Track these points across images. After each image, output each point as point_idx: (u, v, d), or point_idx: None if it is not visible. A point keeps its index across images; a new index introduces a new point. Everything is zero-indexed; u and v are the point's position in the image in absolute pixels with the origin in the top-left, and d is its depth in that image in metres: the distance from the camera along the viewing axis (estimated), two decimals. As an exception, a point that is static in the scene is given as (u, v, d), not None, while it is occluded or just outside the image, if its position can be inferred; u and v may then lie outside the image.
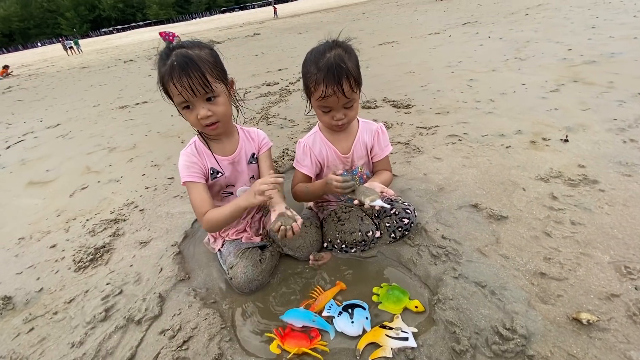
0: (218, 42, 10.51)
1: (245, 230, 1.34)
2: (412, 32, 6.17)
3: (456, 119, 2.18)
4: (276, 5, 28.74)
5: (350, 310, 1.00)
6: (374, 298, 1.04)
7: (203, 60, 1.00)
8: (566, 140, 1.70)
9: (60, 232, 1.72)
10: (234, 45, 9.33)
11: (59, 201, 2.07)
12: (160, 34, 1.22)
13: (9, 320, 1.21)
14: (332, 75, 0.97)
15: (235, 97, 1.16)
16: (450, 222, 1.26)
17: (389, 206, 0.99)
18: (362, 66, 1.23)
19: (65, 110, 4.77)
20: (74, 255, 1.50)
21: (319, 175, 1.26)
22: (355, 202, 1.00)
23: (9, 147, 3.49)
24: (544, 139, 1.76)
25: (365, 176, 1.25)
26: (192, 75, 0.96)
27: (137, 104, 4.34)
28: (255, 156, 1.25)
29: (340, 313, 1.00)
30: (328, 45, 1.03)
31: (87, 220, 1.78)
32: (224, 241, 1.33)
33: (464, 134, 1.97)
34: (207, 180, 1.16)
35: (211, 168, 1.16)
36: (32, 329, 1.15)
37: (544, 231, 1.17)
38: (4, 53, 64.74)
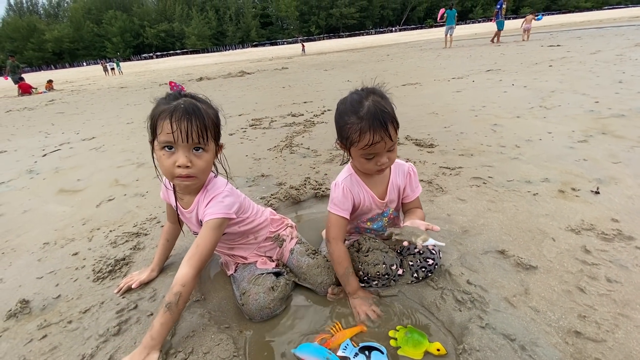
0: (248, 73, 11.15)
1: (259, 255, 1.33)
2: (435, 75, 6.35)
3: (480, 162, 2.17)
4: (304, 43, 30.41)
5: (367, 352, 0.96)
6: (392, 343, 0.99)
7: (208, 114, 1.02)
8: (597, 192, 1.65)
9: (83, 241, 1.76)
10: (263, 76, 9.82)
11: (85, 210, 2.14)
12: (170, 83, 1.25)
13: (24, 325, 1.22)
14: (378, 121, 0.98)
15: (219, 159, 1.15)
16: (476, 267, 1.22)
17: (443, 244, 0.98)
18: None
19: (101, 125, 5.06)
20: (94, 265, 1.52)
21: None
22: (405, 243, 0.97)
23: (45, 155, 3.69)
24: (573, 189, 1.71)
25: (392, 216, 1.24)
26: (193, 122, 0.96)
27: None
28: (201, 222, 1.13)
29: (356, 355, 0.95)
30: (362, 93, 1.05)
31: (111, 231, 1.82)
32: (237, 265, 1.32)
33: (489, 177, 1.95)
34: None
35: (176, 205, 1.19)
36: (45, 336, 1.15)
37: (577, 286, 1.10)
38: (52, 69, 70.57)
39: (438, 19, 14.22)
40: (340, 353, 0.96)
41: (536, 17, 14.58)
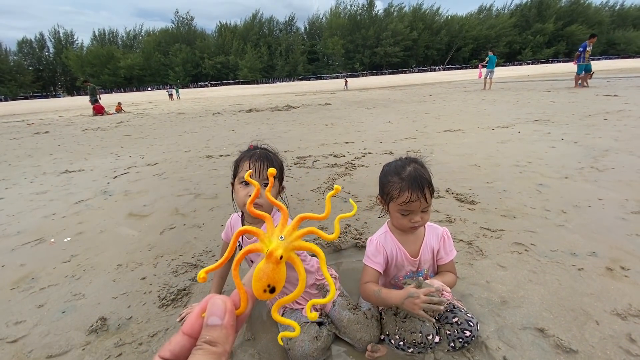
0: (294, 107, 11.84)
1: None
2: (479, 122, 6.35)
3: (523, 226, 2.17)
4: (347, 79, 31.67)
5: None
6: None
7: (276, 161, 1.37)
8: (650, 274, 1.60)
9: (149, 267, 2.01)
10: (307, 112, 10.38)
11: (151, 236, 2.43)
12: (250, 145, 1.54)
13: (102, 341, 1.43)
14: (417, 183, 1.17)
15: (281, 197, 1.44)
16: (514, 343, 1.25)
17: (474, 320, 1.09)
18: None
19: (162, 151, 5.65)
20: (159, 291, 1.74)
21: (385, 272, 1.36)
22: (411, 286, 1.11)
23: (116, 177, 4.21)
24: (623, 268, 1.67)
25: (428, 277, 1.34)
26: (264, 163, 1.30)
27: (221, 155, 4.99)
28: None
29: None
30: (406, 161, 1.27)
31: (172, 260, 2.06)
32: (285, 310, 1.46)
33: (532, 244, 1.95)
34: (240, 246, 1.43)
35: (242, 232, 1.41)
36: (121, 354, 1.34)
37: (620, 378, 1.09)
38: (121, 92, 79.81)
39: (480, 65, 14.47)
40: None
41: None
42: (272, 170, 0.48)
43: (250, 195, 1.31)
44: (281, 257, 0.38)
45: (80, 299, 1.73)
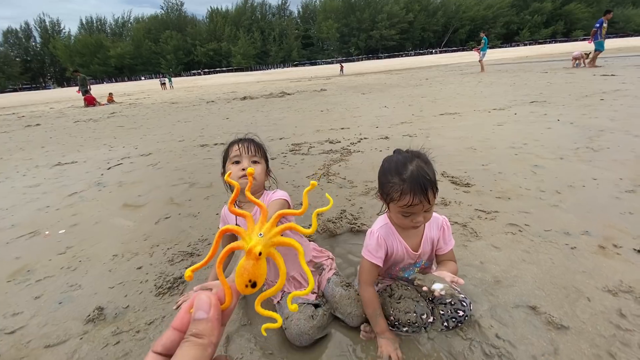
0: (289, 94, 11.68)
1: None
2: (475, 105, 6.30)
3: (518, 207, 2.18)
4: (343, 64, 31.19)
5: None
6: None
7: (260, 144, 1.51)
8: (641, 251, 1.62)
9: (145, 256, 2.01)
10: (303, 98, 10.25)
11: (146, 226, 2.42)
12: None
13: (100, 330, 1.44)
14: (419, 187, 1.07)
15: (269, 174, 1.56)
16: (506, 321, 1.27)
17: (462, 295, 1.05)
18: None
19: (156, 141, 5.58)
20: (156, 280, 1.74)
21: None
22: (424, 288, 1.03)
23: (109, 168, 4.17)
24: (615, 246, 1.69)
25: (424, 267, 1.33)
26: (250, 143, 1.46)
27: (216, 144, 4.94)
28: None
29: None
30: (408, 156, 1.15)
31: (168, 249, 2.06)
32: (282, 294, 1.48)
33: (525, 225, 1.96)
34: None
35: (237, 224, 1.40)
36: (118, 342, 1.36)
37: (608, 351, 1.12)
38: (113, 82, 78.30)
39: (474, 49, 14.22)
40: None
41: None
42: (250, 170, 0.50)
43: (243, 168, 1.38)
44: (260, 254, 0.39)
45: (77, 290, 1.74)
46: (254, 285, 0.39)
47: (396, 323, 1.24)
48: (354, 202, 2.51)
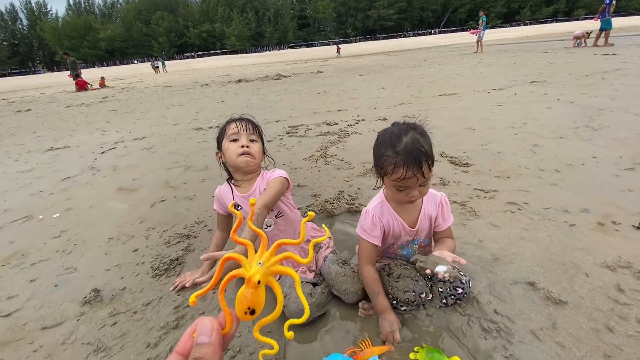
0: (285, 76, 11.45)
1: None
2: (474, 85, 6.20)
3: (517, 186, 2.16)
4: (340, 45, 30.50)
5: None
6: None
7: (257, 124, 1.48)
8: (639, 228, 1.61)
9: (141, 239, 1.99)
10: (299, 80, 10.06)
11: (141, 209, 2.39)
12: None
13: (97, 311, 1.43)
14: (413, 159, 1.03)
15: (266, 153, 1.53)
16: (504, 297, 1.26)
17: (466, 278, 1.04)
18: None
19: (150, 125, 5.48)
20: (152, 262, 1.72)
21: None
22: (427, 272, 1.00)
23: (103, 152, 4.09)
24: (614, 223, 1.68)
25: (423, 244, 1.31)
26: (248, 122, 1.43)
27: (211, 127, 4.86)
28: None
29: None
30: (403, 128, 1.11)
31: (164, 231, 2.04)
32: (279, 278, 1.47)
33: (525, 203, 1.95)
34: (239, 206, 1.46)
35: (235, 203, 1.43)
36: (115, 323, 1.35)
37: (606, 325, 1.12)
38: (104, 66, 76.46)
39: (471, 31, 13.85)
40: (366, 366, 1.06)
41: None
42: (252, 200, 0.52)
43: (241, 146, 1.36)
44: (259, 282, 0.42)
45: (73, 273, 1.72)
46: (252, 312, 0.41)
47: (394, 302, 1.23)
48: (351, 183, 2.49)
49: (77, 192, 2.85)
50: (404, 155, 1.05)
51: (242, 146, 1.36)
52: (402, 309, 1.23)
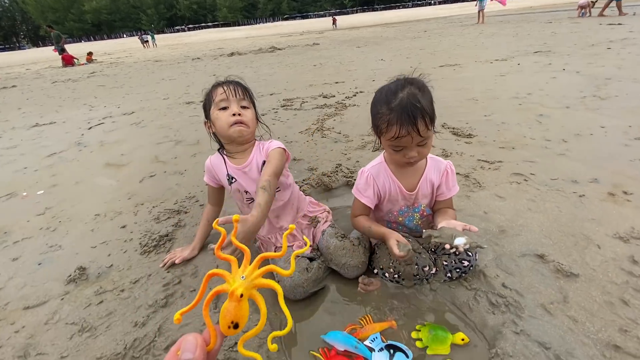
0: (279, 49, 11.01)
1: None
2: (476, 56, 5.97)
3: (522, 157, 2.07)
4: (336, 17, 29.32)
5: (392, 351, 0.97)
6: (419, 344, 0.99)
7: (247, 87, 1.33)
8: (652, 198, 1.53)
9: (130, 215, 1.89)
10: (294, 53, 9.67)
11: (130, 185, 2.28)
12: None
13: (82, 290, 1.36)
14: (407, 115, 0.95)
15: (260, 121, 1.39)
16: (512, 270, 1.20)
17: (485, 246, 0.99)
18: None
19: (139, 100, 5.26)
20: (141, 239, 1.64)
21: (377, 206, 1.26)
22: (447, 246, 0.95)
23: (90, 128, 3.92)
24: (625, 193, 1.60)
25: (425, 213, 1.23)
26: (237, 85, 1.27)
27: (202, 101, 4.65)
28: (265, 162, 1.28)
29: (381, 349, 0.98)
30: (400, 83, 1.01)
31: (154, 207, 1.94)
32: (275, 248, 1.39)
33: (531, 174, 1.86)
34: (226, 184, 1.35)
35: (227, 174, 1.31)
36: (102, 302, 1.28)
37: (620, 298, 1.06)
38: (91, 41, 73.43)
39: None
40: (367, 343, 1.00)
41: None
42: (236, 217, 0.53)
43: (233, 114, 1.18)
44: (242, 296, 0.41)
45: (57, 250, 1.64)
46: (236, 326, 0.41)
47: (396, 276, 1.16)
48: (349, 157, 2.38)
49: (63, 169, 2.72)
50: (398, 113, 0.97)
51: (234, 114, 1.23)
52: (405, 283, 1.16)
